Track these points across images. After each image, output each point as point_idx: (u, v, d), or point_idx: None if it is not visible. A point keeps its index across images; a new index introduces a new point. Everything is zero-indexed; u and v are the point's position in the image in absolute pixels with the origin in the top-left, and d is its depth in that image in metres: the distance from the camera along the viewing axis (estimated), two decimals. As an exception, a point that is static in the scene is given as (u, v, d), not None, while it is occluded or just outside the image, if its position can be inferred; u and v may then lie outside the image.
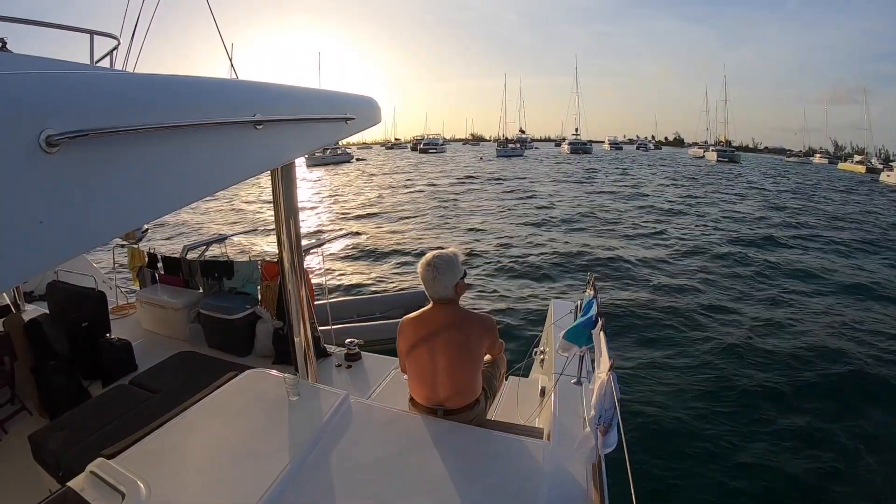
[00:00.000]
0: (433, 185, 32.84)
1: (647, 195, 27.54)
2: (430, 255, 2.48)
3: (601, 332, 2.35)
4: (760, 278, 11.15)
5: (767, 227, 18.04)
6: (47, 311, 4.58)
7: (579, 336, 2.69)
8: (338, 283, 11.08)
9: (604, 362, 2.14)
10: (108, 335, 4.55)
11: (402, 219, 19.59)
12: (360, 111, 2.44)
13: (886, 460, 4.80)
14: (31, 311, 4.82)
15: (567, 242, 14.79)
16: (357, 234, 16.61)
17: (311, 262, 9.69)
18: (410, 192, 29.05)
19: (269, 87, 1.81)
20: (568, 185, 32.92)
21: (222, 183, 1.47)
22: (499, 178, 37.60)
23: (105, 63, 3.67)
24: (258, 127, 1.57)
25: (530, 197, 26.25)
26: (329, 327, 4.85)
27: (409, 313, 2.51)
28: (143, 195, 1.18)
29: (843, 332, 8.11)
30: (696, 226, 18.16)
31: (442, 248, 2.60)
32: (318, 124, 2.11)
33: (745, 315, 8.77)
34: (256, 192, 28.54)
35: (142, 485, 1.82)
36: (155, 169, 1.21)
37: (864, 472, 4.64)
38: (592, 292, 2.92)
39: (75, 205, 1.01)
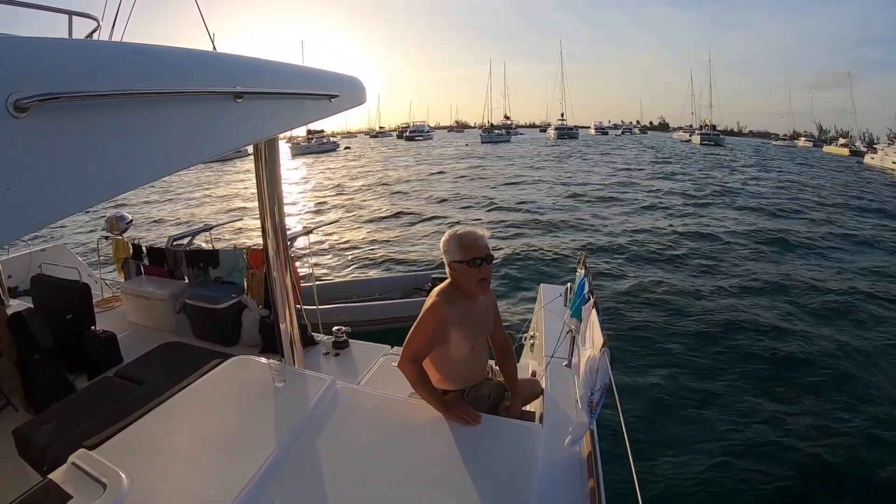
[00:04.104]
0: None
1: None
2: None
3: (593, 310, 2.33)
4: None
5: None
6: (31, 306, 4.50)
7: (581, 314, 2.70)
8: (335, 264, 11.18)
9: (596, 340, 2.12)
10: (93, 328, 4.47)
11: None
12: (345, 90, 2.39)
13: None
14: (16, 305, 4.75)
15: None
16: (341, 221, 16.69)
17: (298, 249, 9.67)
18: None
19: (251, 61, 1.75)
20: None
21: (201, 155, 1.42)
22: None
23: (84, 46, 3.57)
24: (239, 100, 1.51)
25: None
26: (315, 307, 4.83)
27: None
28: (117, 164, 1.13)
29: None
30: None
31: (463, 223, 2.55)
32: (302, 100, 2.06)
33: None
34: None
35: (123, 475, 1.78)
36: (130, 138, 1.16)
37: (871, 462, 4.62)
38: (584, 271, 2.90)
39: (45, 173, 0.96)
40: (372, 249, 12.80)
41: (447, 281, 2.49)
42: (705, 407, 5.32)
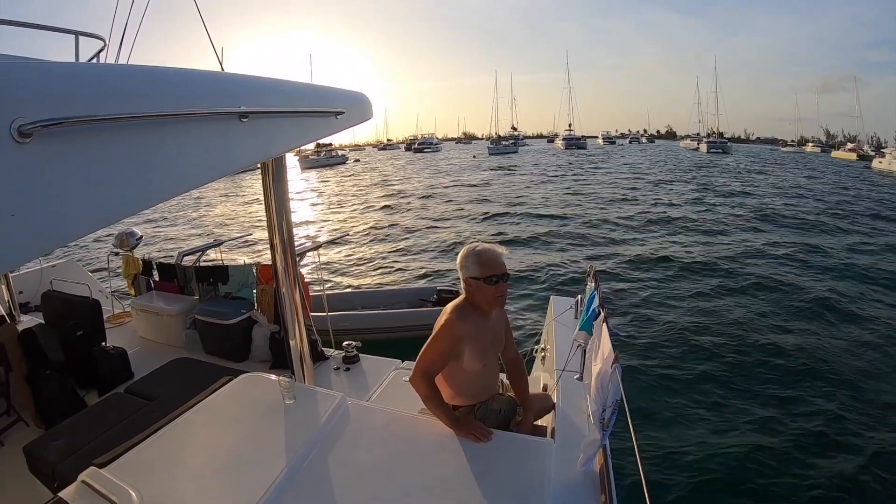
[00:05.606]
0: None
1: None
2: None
3: (603, 324, 2.30)
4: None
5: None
6: (42, 321, 4.53)
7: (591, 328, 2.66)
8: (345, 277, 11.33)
9: (607, 355, 2.10)
10: (103, 344, 4.49)
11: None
12: (351, 106, 2.40)
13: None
14: (27, 321, 4.78)
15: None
16: (351, 234, 16.88)
17: (308, 264, 9.74)
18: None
19: (255, 80, 1.76)
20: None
21: (206, 176, 1.42)
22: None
23: (91, 66, 3.60)
24: (244, 120, 1.52)
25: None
26: (326, 315, 4.83)
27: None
28: (122, 188, 1.13)
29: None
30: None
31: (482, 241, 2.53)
32: (308, 118, 2.06)
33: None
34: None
35: (133, 493, 1.78)
36: (135, 161, 1.16)
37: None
38: (594, 284, 2.87)
39: (50, 198, 0.96)
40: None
41: (461, 297, 2.47)
42: (719, 420, 5.25)
